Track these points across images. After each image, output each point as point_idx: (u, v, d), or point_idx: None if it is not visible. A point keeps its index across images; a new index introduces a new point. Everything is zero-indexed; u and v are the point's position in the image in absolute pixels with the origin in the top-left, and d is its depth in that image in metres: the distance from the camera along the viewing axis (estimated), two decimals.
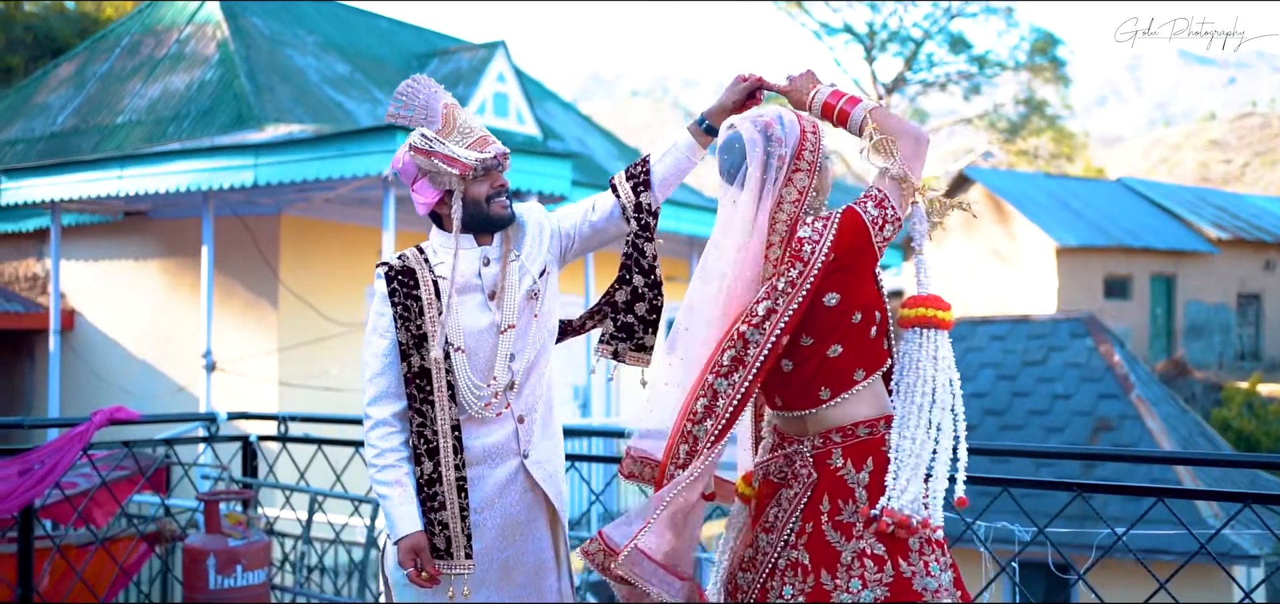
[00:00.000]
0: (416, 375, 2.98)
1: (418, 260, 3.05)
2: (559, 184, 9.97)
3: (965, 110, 39.05)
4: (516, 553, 3.08)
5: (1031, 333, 17.50)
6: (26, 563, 5.53)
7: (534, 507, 3.09)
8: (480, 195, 3.01)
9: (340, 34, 15.29)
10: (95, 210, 11.06)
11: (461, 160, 2.96)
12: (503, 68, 15.28)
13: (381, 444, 3.00)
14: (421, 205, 3.06)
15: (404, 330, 2.99)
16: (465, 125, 3.04)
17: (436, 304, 2.99)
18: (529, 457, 3.07)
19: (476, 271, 3.04)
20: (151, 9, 15.01)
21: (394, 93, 3.03)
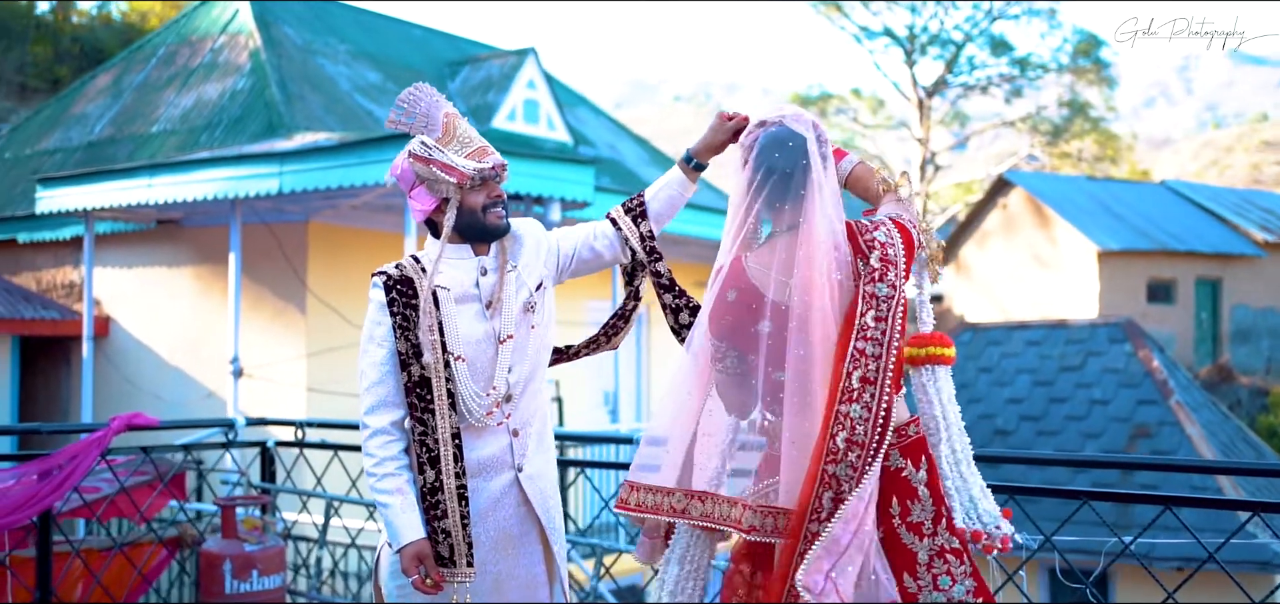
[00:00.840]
0: (417, 384, 2.99)
1: (415, 269, 3.06)
2: (582, 190, 9.98)
3: (1007, 113, 38.69)
4: (509, 567, 3.10)
5: (1069, 338, 17.31)
6: (46, 566, 5.61)
7: (526, 522, 3.10)
8: (476, 204, 3.03)
9: (372, 42, 15.41)
10: (127, 218, 11.21)
11: (459, 169, 2.99)
12: (533, 74, 15.33)
13: (381, 453, 3.01)
14: (418, 212, 3.10)
15: (404, 339, 3.00)
16: (465, 135, 3.08)
17: (434, 313, 2.99)
18: (523, 470, 3.08)
19: (474, 281, 3.06)
20: (187, 19, 15.21)
21: (396, 100, 3.06)
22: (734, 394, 2.81)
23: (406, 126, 3.09)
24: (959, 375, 17.26)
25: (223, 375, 10.50)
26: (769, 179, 2.68)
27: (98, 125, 14.02)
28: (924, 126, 37.09)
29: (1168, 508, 3.88)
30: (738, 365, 2.77)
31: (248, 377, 10.20)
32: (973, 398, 16.90)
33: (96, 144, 13.59)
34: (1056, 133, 37.62)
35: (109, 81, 15.07)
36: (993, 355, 17.44)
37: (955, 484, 2.80)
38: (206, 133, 12.30)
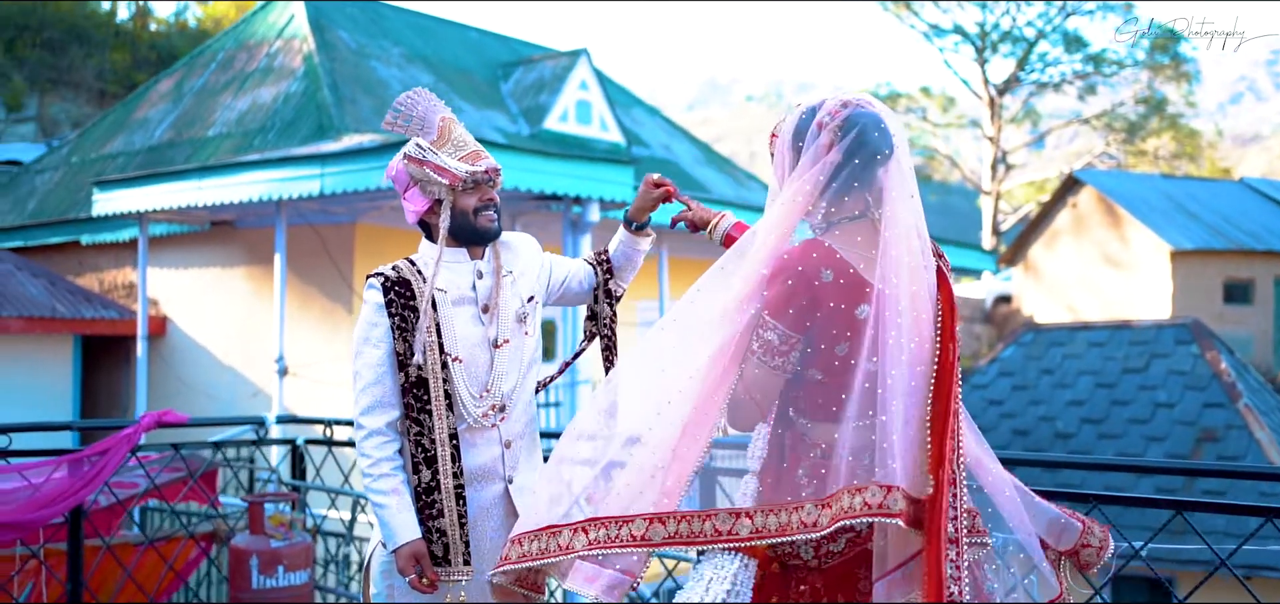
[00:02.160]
0: (413, 385, 3.02)
1: (412, 272, 3.09)
2: (621, 190, 9.99)
3: (1082, 111, 37.99)
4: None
5: (1133, 339, 16.95)
6: (77, 561, 5.72)
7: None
8: (468, 207, 3.05)
9: (426, 45, 15.56)
10: (180, 220, 11.45)
11: (451, 171, 3.02)
12: (585, 75, 15.37)
13: (376, 453, 3.03)
14: (411, 213, 3.13)
15: (402, 341, 3.02)
16: (460, 139, 3.11)
17: (433, 315, 3.03)
18: (513, 481, 3.10)
19: (470, 284, 3.09)
20: (245, 24, 15.50)
21: (393, 103, 3.10)
22: (767, 394, 2.53)
23: (402, 129, 3.13)
24: (1021, 376, 16.96)
25: (271, 374, 10.68)
26: (852, 160, 2.49)
27: (159, 129, 14.34)
28: (995, 125, 36.55)
29: (1178, 513, 3.76)
30: (800, 360, 2.50)
31: (293, 375, 10.36)
32: (1033, 399, 16.62)
33: (157, 148, 13.90)
34: (1132, 130, 36.83)
35: (171, 86, 15.41)
36: (1055, 357, 17.13)
37: None
38: (260, 136, 12.51)
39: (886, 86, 38.25)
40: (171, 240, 12.33)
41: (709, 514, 2.45)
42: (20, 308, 11.74)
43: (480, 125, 13.67)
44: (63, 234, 13.49)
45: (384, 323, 3.03)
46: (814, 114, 2.55)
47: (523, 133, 14.38)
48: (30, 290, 12.12)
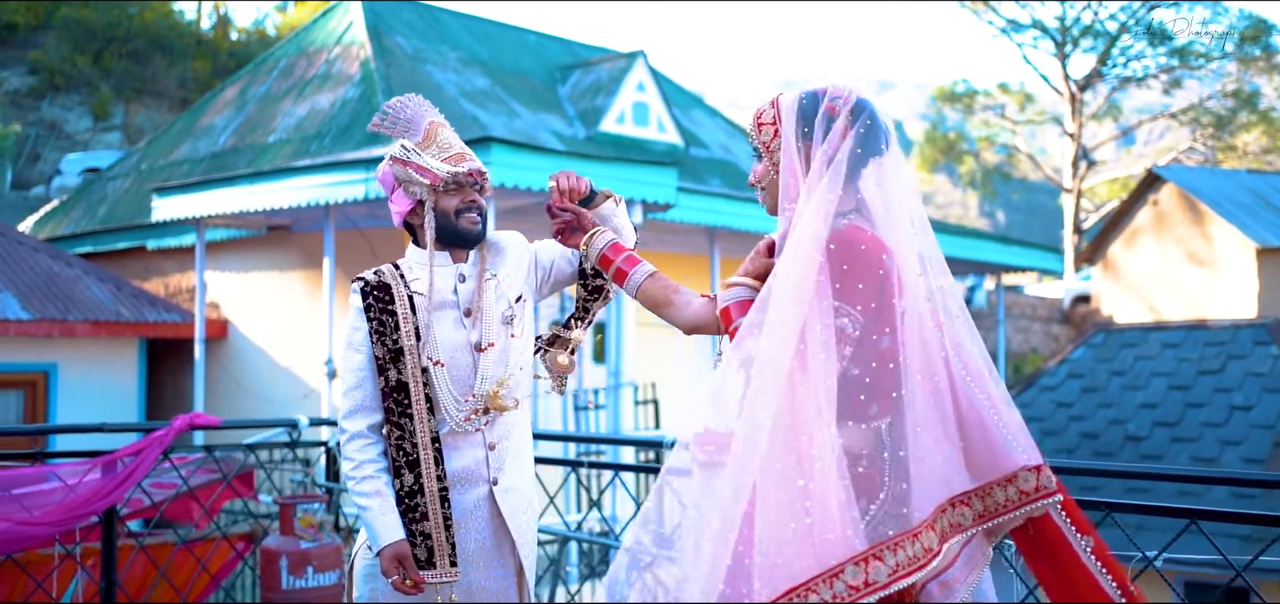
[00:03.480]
0: (394, 389, 3.03)
1: (393, 276, 3.11)
2: (664, 192, 9.95)
3: (1168, 105, 37.04)
4: (481, 578, 3.10)
5: (1209, 340, 16.49)
6: (110, 561, 5.84)
7: (500, 534, 3.11)
8: (450, 208, 3.05)
9: (484, 49, 15.67)
10: (235, 225, 11.66)
11: (433, 171, 3.02)
12: (642, 77, 15.35)
13: (359, 456, 3.05)
14: (396, 215, 3.15)
15: (381, 345, 3.04)
16: (446, 142, 3.11)
17: (412, 319, 3.04)
18: (498, 483, 3.08)
19: (452, 288, 3.09)
20: (306, 31, 15.75)
21: (382, 106, 3.13)
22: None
23: (388, 130, 3.16)
24: (1090, 378, 16.57)
25: (323, 376, 10.83)
26: (859, 149, 2.36)
27: (222, 136, 14.63)
28: (1075, 121, 35.77)
29: (1193, 522, 3.62)
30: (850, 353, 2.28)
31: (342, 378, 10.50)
32: (1103, 402, 16.23)
33: (220, 154, 14.19)
34: (1221, 124, 35.80)
35: (235, 93, 15.71)
36: (1126, 358, 16.71)
37: None
38: (316, 141, 12.70)
39: (963, 83, 37.56)
40: (232, 245, 12.57)
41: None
42: (87, 312, 12.06)
43: (536, 128, 13.73)
44: (130, 239, 13.84)
45: (364, 327, 3.05)
46: (816, 99, 2.41)
47: (579, 136, 14.41)
48: (97, 294, 12.45)
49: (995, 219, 63.67)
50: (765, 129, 2.49)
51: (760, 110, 2.52)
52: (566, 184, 2.91)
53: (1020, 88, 38.90)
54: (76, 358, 12.36)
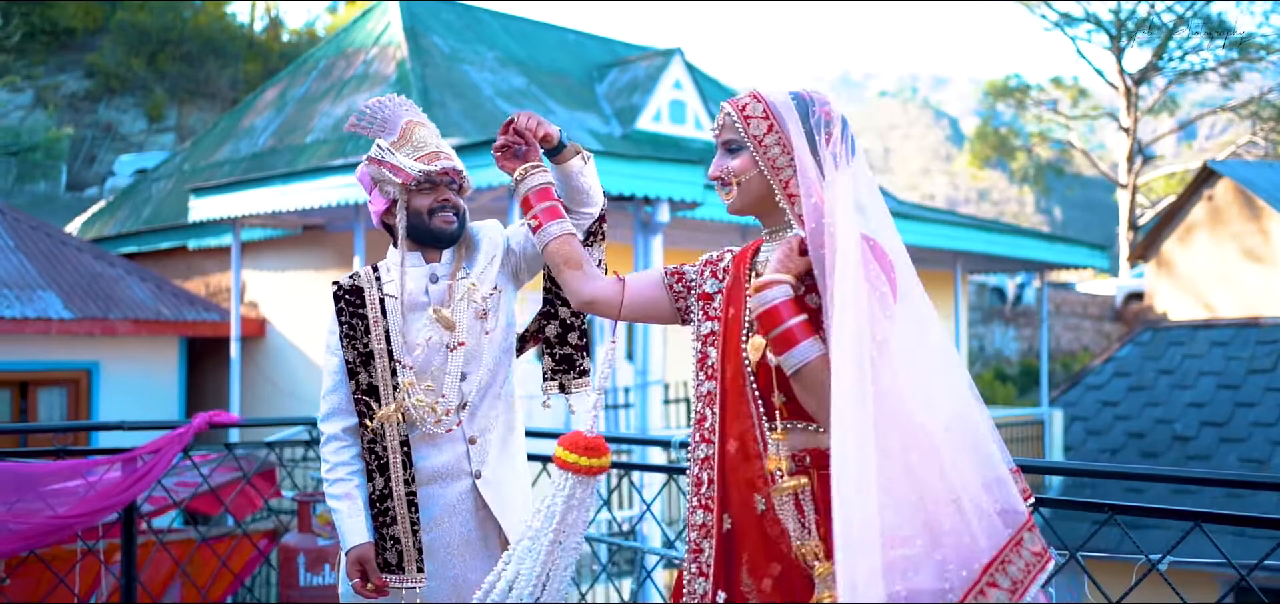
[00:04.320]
0: (365, 392, 3.05)
1: (368, 278, 3.13)
2: (690, 190, 9.91)
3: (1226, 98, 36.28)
4: (466, 571, 3.09)
5: (1260, 338, 16.15)
6: (130, 557, 5.92)
7: (487, 526, 3.10)
8: (423, 207, 3.04)
9: (521, 48, 15.71)
10: (270, 225, 11.79)
11: (405, 170, 3.02)
12: (679, 75, 15.32)
13: (333, 458, 3.09)
14: (374, 214, 3.17)
15: (350, 348, 3.07)
16: (421, 141, 3.10)
17: (382, 322, 3.05)
18: (481, 476, 3.08)
19: (424, 288, 3.08)
20: (345, 32, 15.88)
21: (360, 107, 3.14)
22: None
23: (364, 130, 3.16)
24: (1137, 376, 16.28)
25: None
26: (852, 151, 2.33)
27: (262, 137, 14.80)
28: (1130, 116, 35.18)
29: (1197, 525, 3.52)
30: None
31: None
32: (1151, 401, 15.96)
33: (260, 154, 14.35)
34: None
35: (275, 95, 15.88)
36: (1174, 356, 16.41)
37: None
38: (352, 142, 12.80)
39: (1014, 79, 37.08)
40: (269, 244, 12.71)
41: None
42: (128, 310, 12.25)
43: (572, 127, 13.74)
44: (172, 239, 14.03)
45: (338, 331, 3.08)
46: (805, 101, 2.35)
47: (615, 134, 14.40)
48: (138, 294, 12.64)
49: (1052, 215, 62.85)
50: (756, 123, 2.35)
51: (743, 104, 2.37)
52: (524, 123, 2.72)
53: (1074, 82, 38.33)
54: (118, 356, 12.56)
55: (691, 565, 2.31)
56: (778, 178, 2.34)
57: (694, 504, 2.35)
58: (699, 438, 2.35)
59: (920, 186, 68.30)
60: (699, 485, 2.34)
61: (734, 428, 2.30)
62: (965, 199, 65.63)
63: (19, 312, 11.51)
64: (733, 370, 2.32)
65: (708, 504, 2.32)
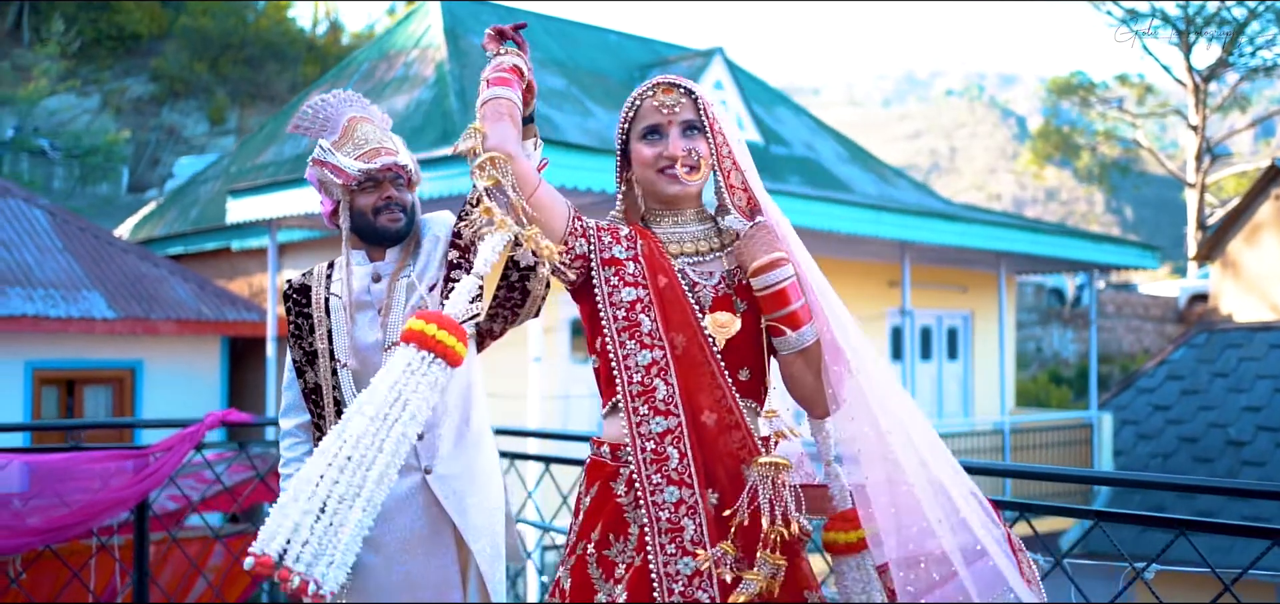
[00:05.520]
0: (311, 391, 3.09)
1: (319, 277, 3.15)
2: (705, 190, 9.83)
3: None
4: (420, 568, 3.07)
5: None
6: (142, 554, 6.00)
7: (438, 522, 3.07)
8: (366, 207, 3.03)
9: (561, 49, 15.72)
10: (306, 226, 11.91)
11: (345, 170, 3.01)
12: (720, 74, 15.25)
13: (286, 454, 3.16)
14: (323, 215, 3.16)
15: (297, 347, 3.11)
16: (362, 138, 3.07)
17: (326, 321, 3.06)
18: (432, 471, 3.06)
19: (366, 287, 3.07)
20: (387, 35, 16.01)
21: (302, 106, 3.14)
22: None
23: (304, 131, 3.16)
24: (1191, 380, 15.89)
25: None
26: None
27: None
28: (1199, 113, 34.39)
29: (1183, 533, 3.42)
30: None
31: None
32: (1205, 405, 15.57)
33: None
34: None
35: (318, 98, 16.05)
36: (1229, 359, 16.00)
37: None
38: None
39: (1078, 76, 36.42)
40: (306, 245, 12.84)
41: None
42: (170, 311, 12.46)
43: (610, 128, 13.74)
44: (217, 241, 14.24)
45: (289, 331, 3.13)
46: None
47: None
48: (181, 294, 12.86)
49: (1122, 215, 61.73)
50: (712, 112, 2.47)
51: (700, 92, 2.47)
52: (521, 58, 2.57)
53: (1140, 80, 37.57)
54: (161, 355, 12.79)
55: (668, 546, 2.22)
56: (722, 168, 2.43)
57: (656, 482, 2.25)
58: (649, 410, 2.27)
59: (986, 186, 67.40)
60: (664, 460, 2.25)
61: (705, 400, 2.28)
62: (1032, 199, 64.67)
63: (64, 311, 11.76)
64: (687, 342, 2.30)
65: (683, 480, 2.24)
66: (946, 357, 16.33)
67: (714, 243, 2.45)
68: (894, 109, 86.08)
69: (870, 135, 72.99)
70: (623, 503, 2.29)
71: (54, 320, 11.62)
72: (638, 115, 2.44)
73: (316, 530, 2.07)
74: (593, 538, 2.30)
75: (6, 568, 5.66)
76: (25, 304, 11.61)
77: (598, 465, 2.38)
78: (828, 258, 14.11)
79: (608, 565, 2.27)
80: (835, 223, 11.83)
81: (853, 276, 14.72)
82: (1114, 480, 3.67)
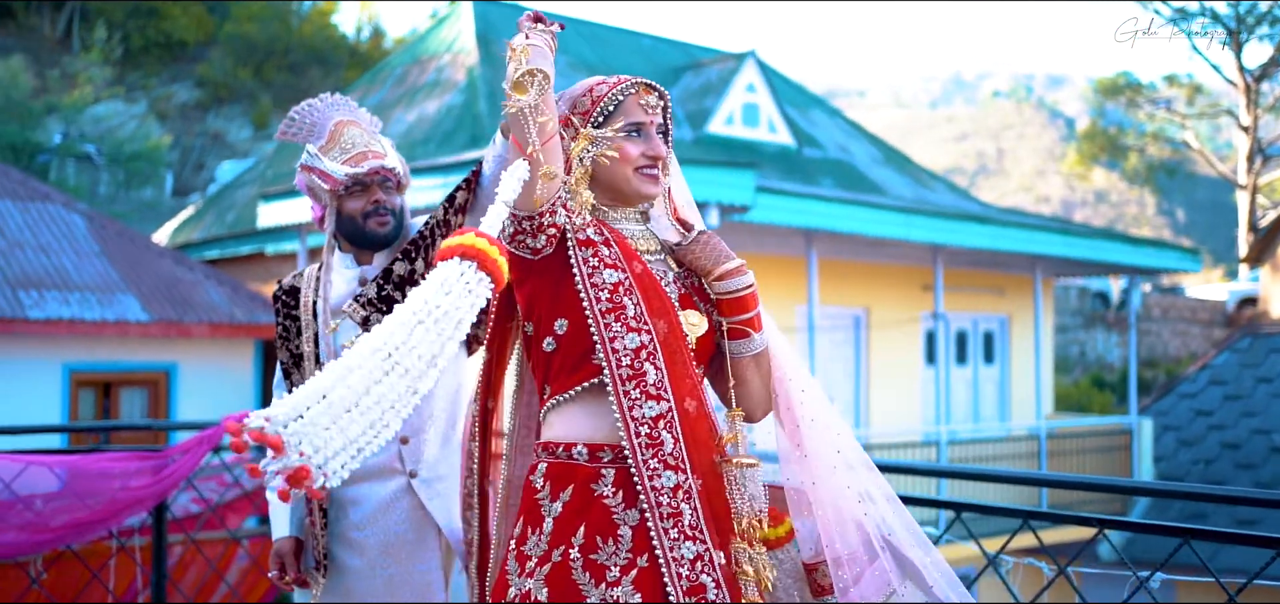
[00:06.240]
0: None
1: (309, 280, 3.16)
2: (740, 194, 9.80)
3: None
4: (403, 571, 3.08)
5: None
6: (160, 556, 6.06)
7: (423, 526, 3.08)
8: (355, 211, 3.03)
9: (594, 53, 15.72)
10: None
11: (331, 175, 3.02)
12: (752, 78, 15.19)
13: None
14: (315, 221, 3.18)
15: (284, 350, 3.13)
16: (350, 141, 3.08)
17: (313, 325, 3.07)
18: (417, 475, 3.07)
19: (352, 292, 3.06)
20: (421, 40, 16.10)
21: (290, 112, 3.15)
22: None
23: (291, 137, 3.17)
24: (1234, 385, 15.62)
25: None
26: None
27: None
28: (1250, 113, 33.81)
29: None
30: None
31: None
32: (1248, 411, 15.28)
33: None
34: None
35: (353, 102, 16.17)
36: (1274, 364, 15.69)
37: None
38: (421, 148, 12.97)
39: (1125, 77, 35.92)
40: None
41: None
42: (204, 314, 12.61)
43: None
44: (251, 245, 14.38)
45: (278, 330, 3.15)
46: None
47: (686, 138, 14.34)
48: (214, 297, 13.00)
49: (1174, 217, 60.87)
50: (669, 119, 2.50)
51: (668, 99, 2.47)
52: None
53: (1189, 80, 36.99)
54: (195, 358, 12.94)
55: (671, 532, 2.18)
56: (666, 172, 2.46)
57: (654, 467, 2.20)
58: (641, 394, 2.22)
59: (1035, 189, 66.69)
60: (659, 445, 2.21)
61: (685, 387, 2.26)
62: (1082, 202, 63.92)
63: (100, 314, 11.92)
64: (667, 329, 2.28)
65: (679, 465, 2.22)
66: (983, 361, 16.16)
67: (655, 244, 2.43)
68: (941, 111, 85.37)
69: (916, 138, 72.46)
70: (610, 504, 2.22)
71: (89, 324, 11.79)
72: (619, 110, 2.39)
73: (342, 422, 1.85)
74: (576, 542, 2.21)
75: (27, 568, 5.72)
76: (62, 307, 11.78)
77: (568, 468, 2.28)
78: (860, 261, 14.01)
79: (597, 570, 2.19)
80: (865, 226, 11.75)
81: (885, 280, 14.60)
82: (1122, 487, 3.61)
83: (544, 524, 2.26)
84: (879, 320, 14.47)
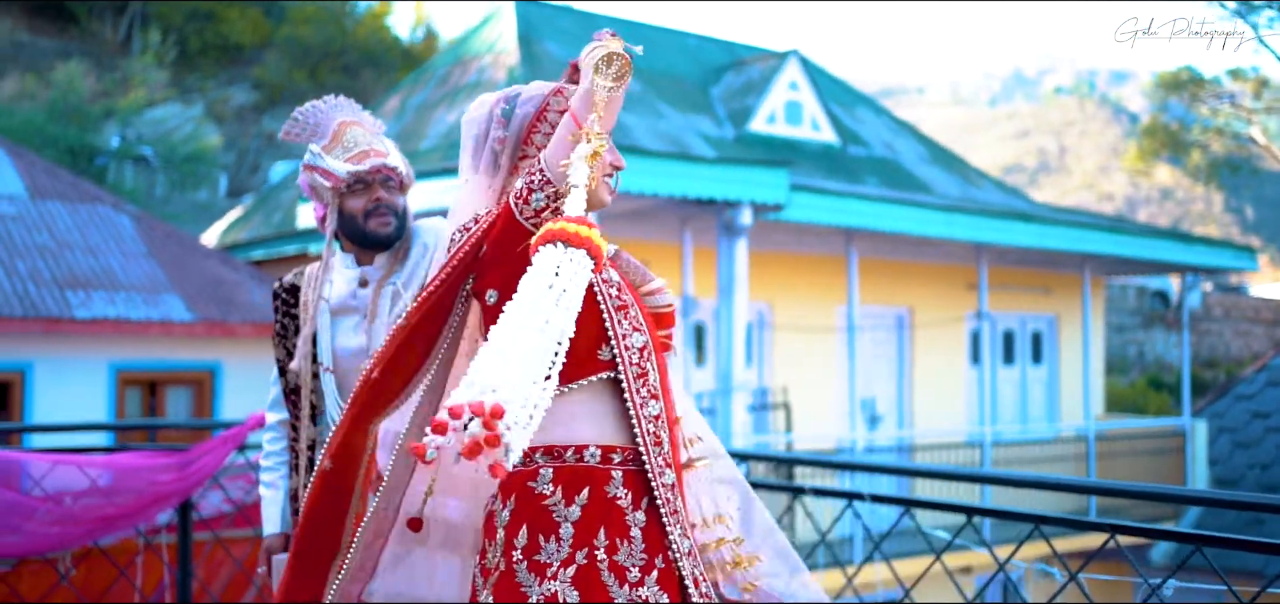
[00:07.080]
0: (291, 391, 3.12)
1: (310, 278, 3.17)
2: (774, 193, 9.71)
3: None
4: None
5: None
6: (185, 554, 6.12)
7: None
8: (356, 210, 3.03)
9: None
10: None
11: (333, 173, 3.03)
12: (795, 76, 15.07)
13: (267, 447, 3.20)
14: (317, 221, 3.19)
15: (281, 347, 3.16)
16: (352, 140, 3.10)
17: (312, 324, 3.07)
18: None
19: (352, 292, 3.06)
20: (463, 41, 16.15)
21: (294, 112, 3.17)
22: None
23: (296, 137, 3.19)
24: (1264, 400, 15.19)
25: None
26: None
27: None
28: None
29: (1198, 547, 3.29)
30: None
31: None
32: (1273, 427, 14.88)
33: None
34: None
35: (397, 103, 16.28)
36: None
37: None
38: (459, 149, 13.00)
39: (1186, 70, 35.18)
40: None
41: None
42: (247, 314, 12.75)
43: (684, 130, 13.67)
44: (294, 245, 14.51)
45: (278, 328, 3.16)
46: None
47: (728, 137, 14.26)
48: (257, 297, 13.14)
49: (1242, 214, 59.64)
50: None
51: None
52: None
53: (1255, 74, 36.18)
54: (239, 357, 13.08)
55: (675, 530, 2.24)
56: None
57: (659, 466, 2.25)
58: (646, 394, 2.26)
59: (1097, 186, 65.64)
60: (660, 444, 2.26)
61: (666, 389, 2.34)
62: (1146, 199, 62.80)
63: (145, 314, 12.10)
64: (645, 337, 2.32)
65: (672, 463, 2.30)
66: (1031, 361, 15.90)
67: None
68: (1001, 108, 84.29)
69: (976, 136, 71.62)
70: (622, 505, 2.22)
71: (135, 323, 11.96)
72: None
73: (531, 398, 1.83)
74: (599, 545, 2.20)
75: (56, 563, 5.79)
76: (108, 307, 11.97)
77: (581, 472, 2.23)
78: (903, 260, 13.85)
79: (619, 571, 2.21)
80: (907, 224, 11.61)
81: (929, 279, 14.42)
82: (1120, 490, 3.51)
83: (561, 530, 2.22)
84: (923, 320, 14.30)
